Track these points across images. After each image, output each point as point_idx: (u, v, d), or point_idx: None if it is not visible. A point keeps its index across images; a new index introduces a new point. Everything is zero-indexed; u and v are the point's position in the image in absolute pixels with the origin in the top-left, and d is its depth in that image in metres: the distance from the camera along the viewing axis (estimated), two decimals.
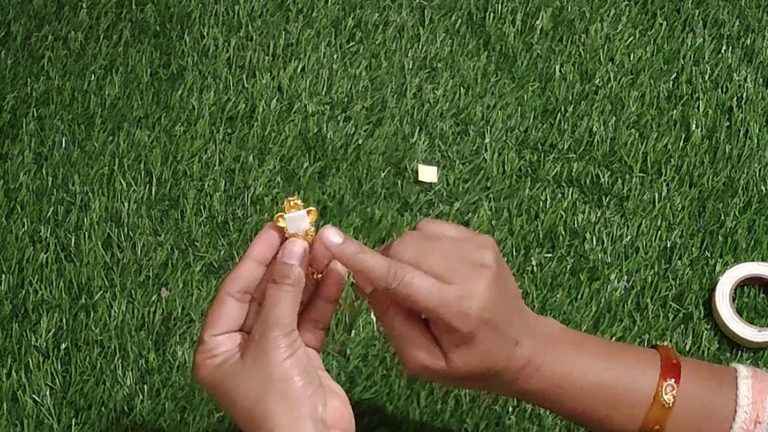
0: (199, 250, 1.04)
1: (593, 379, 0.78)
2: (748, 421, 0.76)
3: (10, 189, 1.07)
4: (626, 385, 0.78)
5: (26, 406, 0.96)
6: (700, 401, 0.78)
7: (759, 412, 0.77)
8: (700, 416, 0.78)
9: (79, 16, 1.18)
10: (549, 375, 0.77)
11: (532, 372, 0.76)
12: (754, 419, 0.77)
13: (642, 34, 1.17)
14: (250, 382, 0.70)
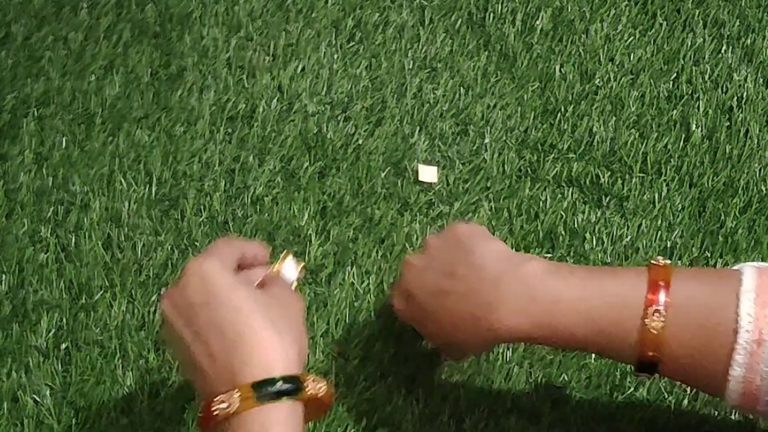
0: (199, 250, 1.04)
1: (581, 315, 0.78)
2: (751, 341, 0.73)
3: (10, 189, 1.07)
4: (613, 314, 0.77)
5: (26, 406, 0.95)
6: (697, 322, 0.75)
7: (762, 329, 0.72)
8: (698, 338, 0.75)
9: (79, 16, 1.18)
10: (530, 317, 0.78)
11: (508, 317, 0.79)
12: (757, 339, 0.72)
13: (642, 34, 1.17)
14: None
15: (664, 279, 0.76)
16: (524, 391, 0.97)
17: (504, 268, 0.81)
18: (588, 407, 0.96)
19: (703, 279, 0.77)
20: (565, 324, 0.78)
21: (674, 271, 0.77)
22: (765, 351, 0.72)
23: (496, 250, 0.83)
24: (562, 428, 0.95)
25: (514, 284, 0.80)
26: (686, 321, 0.75)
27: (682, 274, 0.77)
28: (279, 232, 1.04)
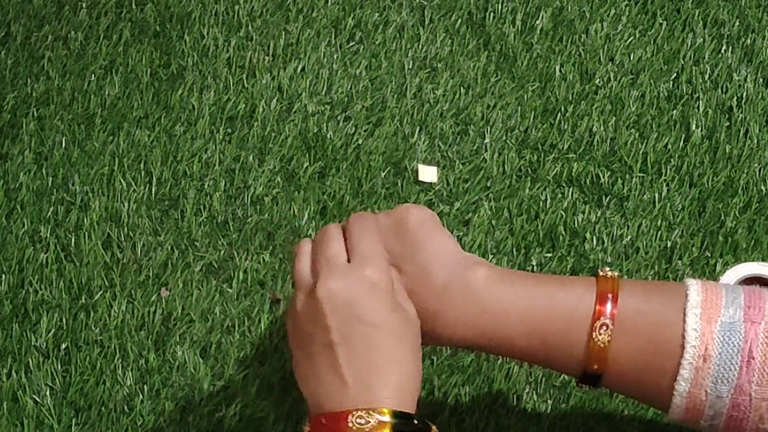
0: (199, 250, 1.04)
1: (526, 325, 0.76)
2: (697, 356, 0.73)
3: (10, 189, 1.07)
4: (560, 326, 0.76)
5: (26, 406, 0.95)
6: (644, 336, 0.75)
7: (708, 345, 0.73)
8: (644, 352, 0.75)
9: (79, 16, 1.18)
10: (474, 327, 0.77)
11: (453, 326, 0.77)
12: (702, 354, 0.73)
13: (642, 34, 1.17)
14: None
15: (612, 291, 0.76)
16: (524, 390, 0.97)
17: (451, 273, 0.78)
18: (588, 407, 0.96)
19: (650, 293, 0.77)
20: (510, 334, 0.77)
21: (622, 283, 0.77)
22: (711, 366, 0.73)
23: (444, 252, 0.79)
24: (562, 428, 0.95)
25: (460, 293, 0.77)
26: (633, 335, 0.75)
27: (629, 286, 0.77)
28: (279, 232, 1.04)
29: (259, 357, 0.98)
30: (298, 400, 0.96)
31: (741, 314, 0.74)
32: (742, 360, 0.73)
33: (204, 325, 1.00)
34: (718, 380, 0.73)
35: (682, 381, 0.74)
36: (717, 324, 0.73)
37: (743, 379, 0.73)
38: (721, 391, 0.73)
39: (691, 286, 0.76)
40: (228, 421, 0.95)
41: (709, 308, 0.74)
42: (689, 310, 0.74)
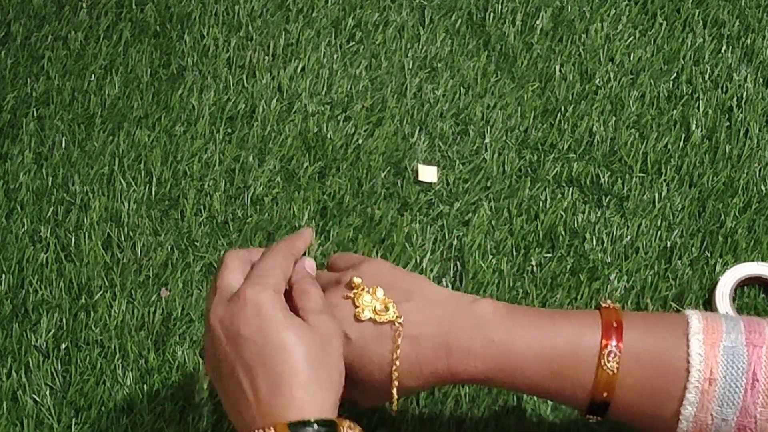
0: (199, 250, 1.04)
1: (534, 355, 0.77)
2: (702, 380, 0.74)
3: (10, 189, 1.07)
4: (568, 356, 0.77)
5: (26, 406, 0.96)
6: (649, 363, 0.76)
7: (713, 369, 0.74)
8: (650, 378, 0.76)
9: (79, 16, 1.18)
10: (486, 358, 0.77)
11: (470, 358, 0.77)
12: (708, 377, 0.74)
13: (642, 34, 1.17)
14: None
15: (617, 320, 0.77)
16: None
17: (457, 306, 0.79)
18: None
19: (651, 322, 0.79)
20: (519, 365, 0.78)
21: (624, 314, 0.79)
22: (716, 389, 0.74)
23: (435, 288, 0.81)
24: (562, 428, 0.95)
25: (469, 324, 0.78)
26: (639, 362, 0.76)
27: (632, 317, 0.79)
28: (279, 232, 1.04)
29: None
30: None
31: (743, 338, 0.75)
32: (746, 383, 0.74)
33: (204, 325, 1.00)
34: (723, 403, 0.74)
35: (688, 405, 0.75)
36: (720, 348, 0.75)
37: (748, 402, 0.74)
38: (727, 414, 0.74)
39: (691, 315, 0.77)
40: (227, 421, 0.95)
41: (711, 333, 0.75)
42: (692, 336, 0.75)
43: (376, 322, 0.78)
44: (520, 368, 0.78)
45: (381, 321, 0.78)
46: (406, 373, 0.79)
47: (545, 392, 0.79)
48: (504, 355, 0.78)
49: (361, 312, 0.78)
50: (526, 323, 0.79)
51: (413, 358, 0.78)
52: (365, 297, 0.79)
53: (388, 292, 0.80)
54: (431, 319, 0.78)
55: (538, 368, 0.78)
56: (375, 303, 0.79)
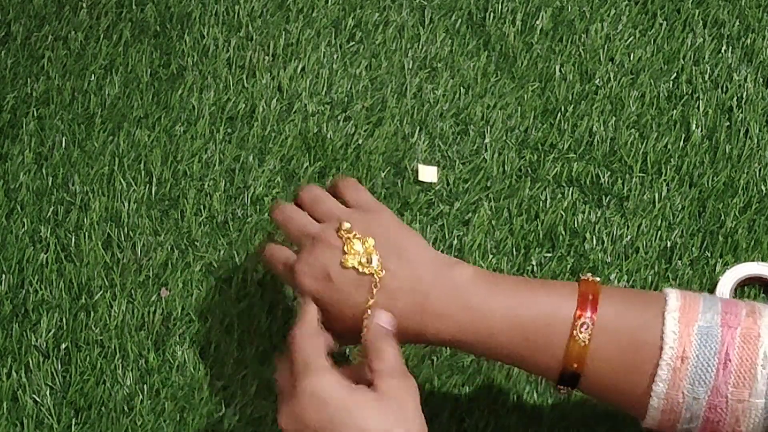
0: (199, 250, 1.04)
1: (509, 321, 0.78)
2: (675, 357, 0.74)
3: (10, 189, 1.07)
4: (542, 325, 0.77)
5: (26, 406, 0.95)
6: (623, 337, 0.76)
7: (686, 347, 0.74)
8: (622, 353, 0.76)
9: (79, 16, 1.18)
10: (460, 322, 0.78)
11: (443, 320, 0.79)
12: (680, 355, 0.74)
13: (642, 34, 1.17)
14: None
15: (594, 294, 0.78)
16: (525, 390, 0.97)
17: (436, 271, 0.81)
18: (588, 407, 0.96)
19: (629, 298, 0.80)
20: (492, 331, 0.79)
21: (602, 288, 0.79)
22: (688, 368, 0.74)
23: (426, 251, 0.83)
24: (562, 428, 0.95)
25: (446, 289, 0.80)
26: (612, 336, 0.77)
27: (610, 291, 0.79)
28: (279, 232, 1.04)
29: (258, 357, 0.98)
30: None
31: (718, 319, 0.75)
32: (719, 362, 0.74)
33: (204, 325, 1.00)
34: (695, 381, 0.74)
35: (659, 382, 0.75)
36: (695, 327, 0.75)
37: (720, 381, 0.74)
38: (698, 393, 0.74)
39: (669, 294, 0.78)
40: (227, 421, 0.95)
41: (687, 313, 0.76)
42: (668, 314, 0.76)
43: (359, 271, 0.81)
44: (493, 334, 0.79)
45: (363, 272, 0.80)
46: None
47: (518, 361, 0.80)
48: (479, 321, 0.79)
49: (347, 259, 0.81)
50: (503, 290, 0.80)
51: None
52: (356, 245, 0.82)
53: (379, 244, 0.82)
54: (412, 277, 0.80)
55: (512, 335, 0.78)
56: (362, 254, 0.81)
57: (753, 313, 0.77)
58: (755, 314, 0.77)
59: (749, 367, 0.74)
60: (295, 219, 0.87)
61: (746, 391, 0.74)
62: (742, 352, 0.74)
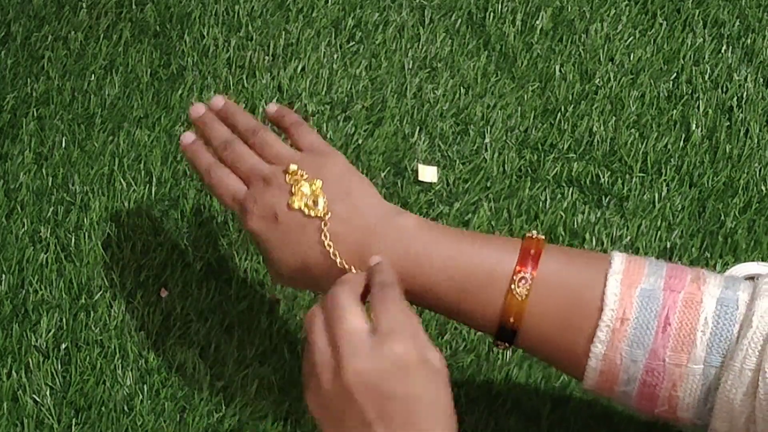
0: (199, 250, 1.04)
1: (448, 272, 0.78)
2: (614, 319, 0.74)
3: (10, 189, 1.07)
4: (481, 278, 0.77)
5: (26, 406, 0.96)
6: (562, 296, 0.76)
7: (626, 309, 0.74)
8: (561, 311, 0.76)
9: (79, 16, 1.18)
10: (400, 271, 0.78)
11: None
12: (620, 317, 0.74)
13: (642, 34, 1.17)
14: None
15: (536, 250, 0.77)
16: (524, 391, 0.97)
17: (381, 216, 0.81)
18: (588, 407, 0.96)
19: (573, 257, 0.79)
20: (431, 280, 0.78)
21: (547, 246, 0.78)
22: (627, 329, 0.74)
23: (373, 198, 0.83)
24: (562, 428, 0.95)
25: (389, 234, 0.80)
26: (552, 292, 0.76)
27: (554, 249, 0.79)
28: None
29: (258, 357, 0.98)
30: (297, 400, 0.96)
31: (662, 283, 0.75)
32: (658, 325, 0.74)
33: (203, 325, 1.00)
34: (633, 344, 0.74)
35: (598, 343, 0.75)
36: (637, 290, 0.74)
37: (658, 344, 0.74)
38: (636, 356, 0.74)
39: (615, 256, 0.77)
40: (228, 421, 0.95)
41: (631, 275, 0.75)
42: (611, 275, 0.75)
43: (305, 213, 0.81)
44: (432, 285, 0.78)
45: (309, 214, 0.80)
46: (320, 264, 0.81)
47: (455, 312, 0.80)
48: (418, 269, 0.79)
49: (293, 201, 0.81)
50: (445, 241, 0.79)
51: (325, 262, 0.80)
52: (303, 187, 0.82)
53: (327, 187, 0.81)
54: (356, 222, 0.80)
55: (450, 287, 0.78)
56: (309, 196, 0.81)
57: (698, 279, 0.76)
58: (700, 280, 0.76)
59: (689, 332, 0.73)
60: (245, 158, 0.85)
61: (684, 356, 0.73)
62: (682, 317, 0.74)
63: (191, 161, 0.88)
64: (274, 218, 0.81)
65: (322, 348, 0.73)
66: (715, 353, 0.73)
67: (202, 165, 0.87)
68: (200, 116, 0.89)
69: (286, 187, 0.82)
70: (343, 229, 0.80)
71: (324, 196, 0.81)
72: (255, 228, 0.82)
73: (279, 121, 0.91)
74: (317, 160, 0.84)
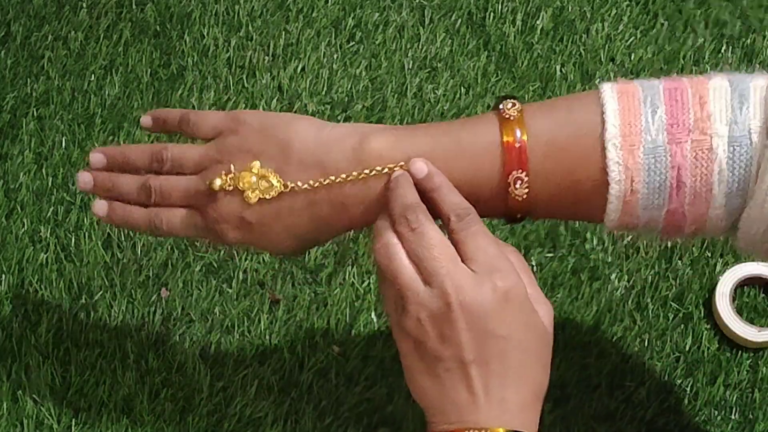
0: (199, 250, 1.04)
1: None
2: (623, 191, 0.69)
3: (10, 189, 1.07)
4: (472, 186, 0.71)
5: (26, 406, 0.95)
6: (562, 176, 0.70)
7: (634, 178, 0.68)
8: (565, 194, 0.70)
9: (79, 16, 1.18)
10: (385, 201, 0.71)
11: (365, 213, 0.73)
12: (629, 188, 0.68)
13: (643, 34, 1.17)
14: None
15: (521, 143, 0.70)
16: None
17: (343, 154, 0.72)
18: (588, 407, 0.96)
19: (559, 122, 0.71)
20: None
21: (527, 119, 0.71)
22: (639, 198, 0.69)
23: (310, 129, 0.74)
24: (562, 428, 0.95)
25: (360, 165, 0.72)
26: (550, 176, 0.70)
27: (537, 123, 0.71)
28: None
29: (258, 357, 0.98)
30: (297, 401, 0.96)
31: (664, 135, 0.68)
32: (671, 187, 0.68)
33: (204, 325, 1.00)
34: (647, 207, 0.69)
35: (610, 212, 0.70)
36: (639, 152, 0.68)
37: (675, 203, 0.69)
38: (653, 215, 0.70)
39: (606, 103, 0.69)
40: (227, 421, 0.95)
41: (629, 135, 0.68)
42: (608, 141, 0.68)
43: (267, 200, 0.73)
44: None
45: (272, 196, 0.73)
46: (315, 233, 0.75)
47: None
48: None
49: (249, 197, 0.73)
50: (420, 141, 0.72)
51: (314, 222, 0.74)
52: (245, 178, 0.73)
53: (265, 160, 0.73)
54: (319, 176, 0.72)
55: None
56: (258, 182, 0.73)
57: (701, 117, 0.68)
58: (703, 119, 0.68)
59: (705, 186, 0.68)
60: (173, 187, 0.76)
61: (704, 206, 0.69)
62: (695, 172, 0.68)
63: (126, 226, 0.79)
64: (244, 222, 0.74)
65: (411, 276, 0.68)
66: (735, 197, 0.68)
67: (141, 222, 0.78)
68: (96, 181, 0.80)
69: (229, 190, 0.73)
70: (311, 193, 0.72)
71: (269, 170, 0.73)
72: (235, 240, 0.75)
73: (165, 127, 0.80)
74: (233, 141, 0.75)
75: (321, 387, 0.96)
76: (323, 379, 0.97)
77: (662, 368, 0.97)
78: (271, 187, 0.73)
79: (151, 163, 0.77)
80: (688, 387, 0.96)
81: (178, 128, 0.79)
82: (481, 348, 0.67)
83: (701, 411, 0.95)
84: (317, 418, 0.95)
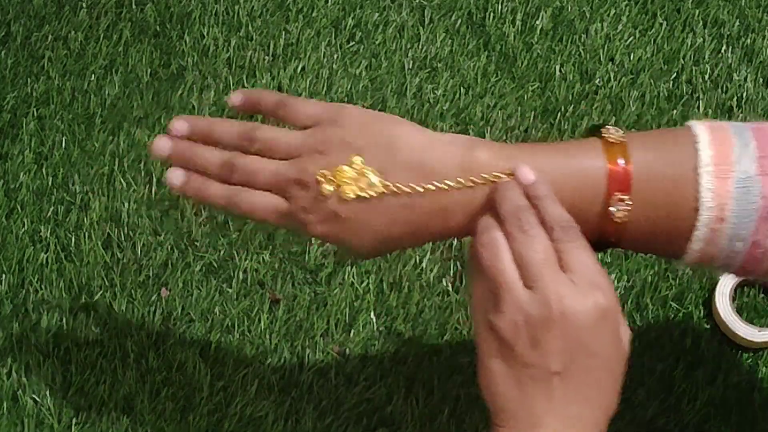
0: (199, 250, 1.04)
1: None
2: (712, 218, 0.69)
3: (10, 189, 1.07)
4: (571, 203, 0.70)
5: (26, 406, 0.96)
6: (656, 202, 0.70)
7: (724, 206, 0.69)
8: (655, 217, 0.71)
9: (79, 16, 1.18)
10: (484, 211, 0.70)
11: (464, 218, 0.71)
12: (718, 215, 0.69)
13: (642, 34, 1.17)
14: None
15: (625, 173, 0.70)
16: None
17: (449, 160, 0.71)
18: None
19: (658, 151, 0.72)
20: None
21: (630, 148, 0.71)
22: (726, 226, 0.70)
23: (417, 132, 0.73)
24: None
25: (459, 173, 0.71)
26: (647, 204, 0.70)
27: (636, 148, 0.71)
28: (279, 232, 1.04)
29: (258, 357, 0.98)
30: (297, 400, 0.96)
31: (755, 167, 0.70)
32: (759, 217, 0.69)
33: (204, 325, 1.00)
34: (733, 238, 0.70)
35: (696, 241, 0.70)
36: (731, 182, 0.69)
37: (760, 234, 0.69)
38: (736, 247, 0.70)
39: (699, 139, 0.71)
40: (228, 420, 0.95)
41: (722, 164, 0.69)
42: (702, 168, 0.69)
43: (364, 198, 0.70)
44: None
45: (370, 196, 0.70)
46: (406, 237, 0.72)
47: None
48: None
49: (345, 192, 0.70)
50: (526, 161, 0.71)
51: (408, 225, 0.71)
52: (344, 172, 0.70)
53: (368, 157, 0.70)
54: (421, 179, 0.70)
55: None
56: (357, 178, 0.70)
57: None
58: None
59: None
60: (261, 169, 0.73)
61: None
62: None
63: (201, 200, 0.75)
64: (335, 217, 0.70)
65: (514, 276, 0.67)
66: None
67: (218, 198, 0.74)
68: (174, 149, 0.77)
69: (324, 181, 0.70)
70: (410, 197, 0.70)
71: (370, 168, 0.70)
72: (321, 234, 0.71)
73: (257, 109, 0.77)
74: (336, 132, 0.72)
75: (321, 387, 0.97)
76: (323, 379, 0.97)
77: (662, 368, 0.97)
78: (371, 185, 0.70)
79: (240, 140, 0.74)
80: (688, 387, 0.96)
81: (273, 112, 0.76)
82: (570, 361, 0.67)
83: (701, 411, 0.95)
84: (317, 418, 0.95)
